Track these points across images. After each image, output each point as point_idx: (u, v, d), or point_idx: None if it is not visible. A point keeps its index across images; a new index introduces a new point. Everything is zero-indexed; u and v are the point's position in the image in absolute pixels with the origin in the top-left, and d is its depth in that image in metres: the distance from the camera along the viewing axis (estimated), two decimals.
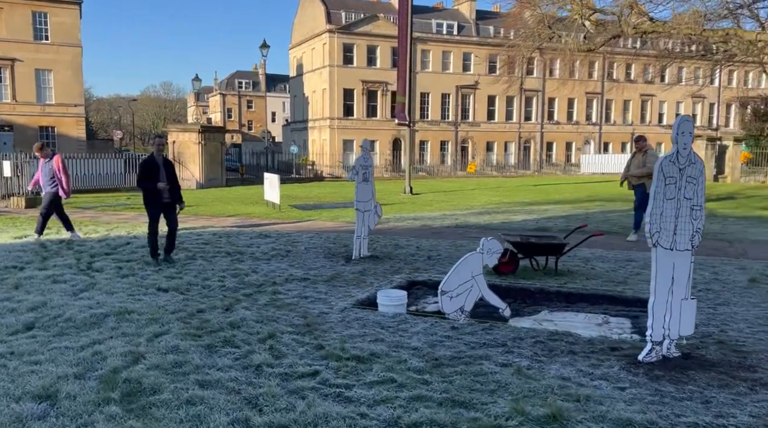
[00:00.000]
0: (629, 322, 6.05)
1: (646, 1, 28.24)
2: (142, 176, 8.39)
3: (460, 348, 4.80)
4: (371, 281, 7.57)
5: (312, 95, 56.11)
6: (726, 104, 67.39)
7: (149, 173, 8.35)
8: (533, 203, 18.57)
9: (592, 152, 58.58)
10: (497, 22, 58.52)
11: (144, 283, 7.27)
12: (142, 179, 8.39)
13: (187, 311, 5.91)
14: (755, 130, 36.83)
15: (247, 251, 9.72)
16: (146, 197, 8.52)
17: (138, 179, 8.52)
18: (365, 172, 9.24)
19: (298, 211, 16.55)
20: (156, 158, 8.40)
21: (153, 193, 8.42)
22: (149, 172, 8.34)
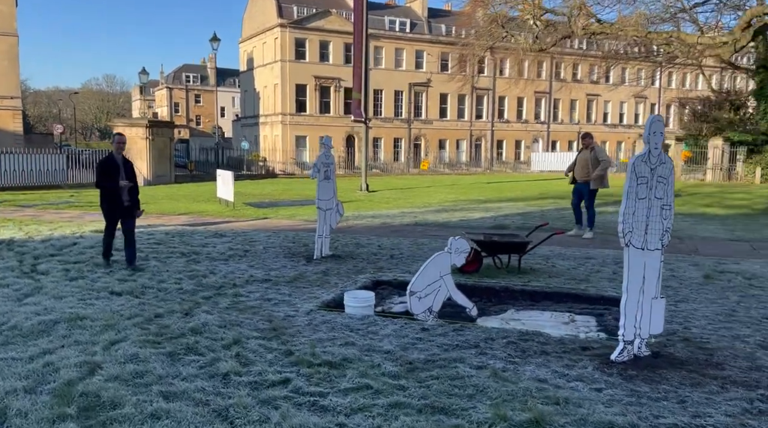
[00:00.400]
0: (594, 320, 6.09)
1: (594, 3, 29.00)
2: (102, 176, 7.87)
3: (433, 351, 4.71)
4: (335, 281, 7.41)
5: (263, 90, 55.26)
6: (666, 105, 69.74)
7: (109, 173, 7.88)
8: (488, 201, 18.74)
9: (541, 150, 59.80)
10: (449, 20, 58.98)
11: (95, 286, 6.90)
12: (102, 180, 7.87)
13: (144, 317, 5.62)
14: (694, 130, 38.11)
15: (202, 252, 9.40)
16: (105, 200, 7.98)
17: (97, 179, 7.96)
18: (327, 170, 9.07)
19: (252, 209, 16.19)
20: (115, 157, 7.97)
21: (113, 195, 7.96)
22: (109, 172, 7.89)
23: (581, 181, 11.31)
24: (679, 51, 27.98)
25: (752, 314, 5.95)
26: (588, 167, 11.13)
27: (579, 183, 11.35)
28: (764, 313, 5.97)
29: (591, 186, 11.21)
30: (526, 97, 59.84)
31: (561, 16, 26.54)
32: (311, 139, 52.13)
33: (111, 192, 7.92)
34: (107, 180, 7.87)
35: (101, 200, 8.03)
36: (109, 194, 7.94)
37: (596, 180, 11.14)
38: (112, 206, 7.97)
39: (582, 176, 11.23)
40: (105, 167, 7.87)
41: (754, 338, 5.12)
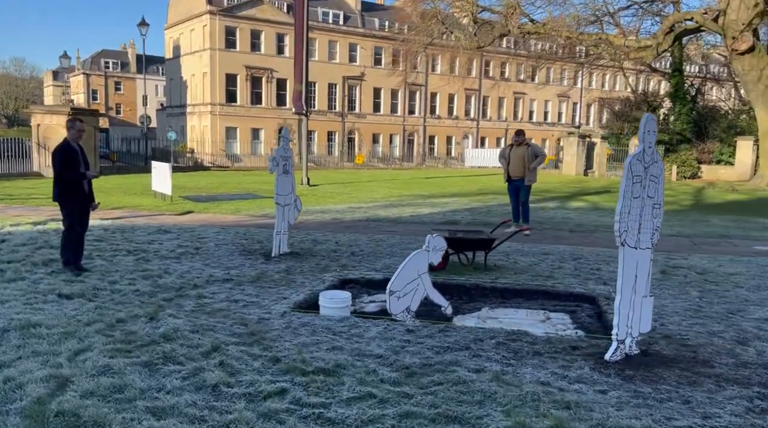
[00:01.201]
0: (569, 317, 6.14)
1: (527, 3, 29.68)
2: (65, 166, 7.06)
3: (426, 354, 4.57)
4: (301, 280, 7.14)
5: (191, 79, 53.33)
6: (587, 104, 72.66)
7: (72, 162, 7.16)
8: (432, 196, 18.81)
9: (470, 146, 60.93)
10: (382, 14, 58.99)
11: (39, 288, 6.33)
12: (66, 169, 7.06)
13: (104, 322, 5.18)
14: (616, 129, 39.86)
15: (150, 249, 8.86)
16: (68, 193, 7.16)
17: (59, 169, 7.08)
18: (285, 163, 8.75)
19: (191, 203, 15.51)
20: (72, 144, 7.29)
21: (77, 186, 7.27)
22: (71, 160, 7.17)
23: (517, 177, 11.33)
24: (606, 53, 29.06)
25: (716, 309, 6.15)
26: (524, 163, 11.18)
27: (515, 180, 11.37)
28: (727, 308, 6.19)
29: (526, 181, 11.27)
30: (457, 94, 60.71)
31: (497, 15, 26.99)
32: (242, 130, 50.87)
33: (75, 184, 7.20)
34: (71, 169, 7.13)
35: (62, 193, 7.16)
36: (73, 186, 7.18)
37: (532, 174, 11.24)
38: (77, 200, 7.25)
39: (519, 172, 11.26)
40: (66, 155, 7.12)
41: (728, 333, 5.28)
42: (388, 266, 8.02)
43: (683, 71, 39.23)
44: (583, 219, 13.46)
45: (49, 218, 12.05)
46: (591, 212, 15.19)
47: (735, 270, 8.15)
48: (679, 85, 37.00)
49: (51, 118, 25.83)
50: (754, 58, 23.88)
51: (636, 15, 38.31)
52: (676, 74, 37.33)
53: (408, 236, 10.61)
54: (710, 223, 13.18)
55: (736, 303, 6.39)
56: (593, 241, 10.51)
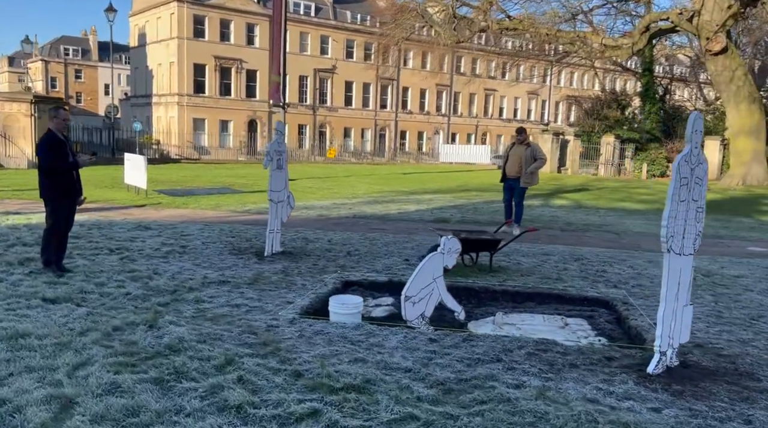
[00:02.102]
0: (587, 323, 5.91)
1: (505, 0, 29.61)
2: (55, 156, 6.47)
3: (456, 367, 4.26)
4: (301, 282, 6.76)
5: (157, 68, 51.91)
6: (555, 102, 73.40)
7: (60, 152, 6.58)
8: (414, 193, 18.53)
9: (441, 141, 60.94)
10: (354, 7, 58.40)
11: (20, 291, 5.81)
12: (55, 159, 6.46)
13: (100, 330, 4.73)
14: (587, 126, 40.24)
15: (132, 247, 8.35)
16: (56, 186, 6.57)
17: (48, 160, 6.46)
18: (279, 158, 8.34)
19: (167, 197, 14.90)
20: (57, 134, 6.71)
21: (67, 178, 6.70)
22: (59, 151, 6.59)
23: (513, 177, 11.07)
24: (582, 50, 29.20)
25: (736, 314, 6.01)
26: (522, 164, 10.91)
27: (511, 179, 11.11)
28: (747, 313, 6.06)
29: (521, 183, 11.01)
30: (428, 89, 60.63)
31: (476, 10, 26.83)
32: (210, 122, 49.78)
33: (65, 175, 6.63)
34: (60, 160, 6.55)
35: (49, 186, 6.56)
36: (62, 178, 6.60)
37: (528, 177, 10.97)
38: (65, 191, 6.67)
39: (515, 172, 11.00)
40: (54, 145, 6.52)
41: (759, 341, 5.13)
42: (389, 267, 7.71)
43: (653, 71, 39.90)
44: (571, 218, 13.35)
45: (15, 212, 11.37)
46: (576, 210, 15.13)
47: (738, 272, 8.07)
48: (649, 84, 37.55)
49: (11, 106, 24.69)
50: (727, 59, 24.25)
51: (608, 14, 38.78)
52: (646, 74, 37.86)
53: (400, 235, 10.30)
54: None
55: (753, 308, 6.27)
56: (587, 241, 10.37)
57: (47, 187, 6.56)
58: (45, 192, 6.60)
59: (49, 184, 6.54)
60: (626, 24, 38.27)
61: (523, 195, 10.99)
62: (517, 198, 10.93)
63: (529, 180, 10.85)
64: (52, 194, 6.59)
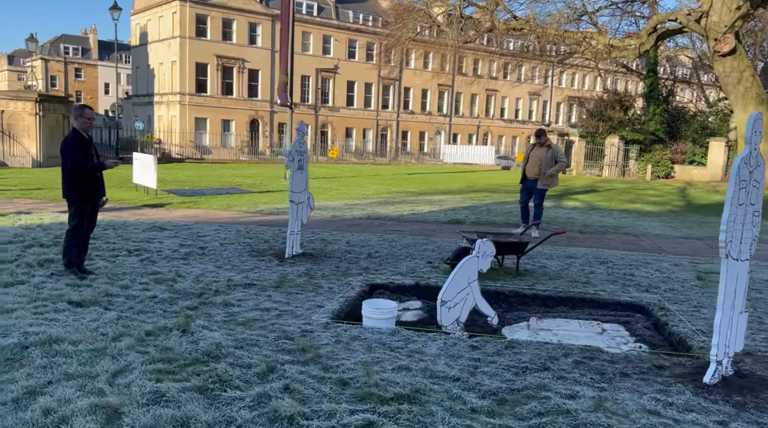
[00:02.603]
0: (623, 329, 5.78)
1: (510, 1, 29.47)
2: (81, 156, 6.33)
3: (505, 376, 4.13)
4: (327, 285, 6.63)
5: (159, 67, 51.71)
6: (557, 103, 73.34)
7: (86, 151, 6.42)
8: (423, 193, 18.39)
9: (443, 142, 60.81)
10: (356, 6, 58.25)
11: (45, 295, 5.67)
12: (81, 160, 6.33)
13: (133, 336, 4.59)
14: (591, 127, 40.13)
15: (150, 248, 8.21)
16: (81, 186, 6.41)
17: (74, 160, 6.29)
18: (300, 159, 8.20)
19: (177, 197, 14.75)
20: (83, 133, 6.55)
21: (92, 179, 6.56)
22: (86, 151, 6.43)
23: (532, 178, 10.92)
24: (588, 51, 29.06)
25: None
26: (541, 166, 10.77)
27: (530, 181, 10.96)
28: None
29: (539, 185, 10.86)
30: (430, 89, 60.48)
31: (482, 10, 26.68)
32: (212, 121, 49.59)
33: (90, 176, 6.49)
34: (87, 160, 6.40)
35: (74, 186, 6.41)
36: (87, 178, 6.46)
37: (548, 179, 10.83)
38: (89, 192, 6.52)
39: (535, 173, 10.85)
40: (79, 145, 6.36)
41: None
42: (413, 270, 7.58)
43: (657, 72, 39.82)
44: (587, 220, 13.22)
45: (26, 211, 11.22)
46: (590, 211, 15.00)
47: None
48: (654, 85, 37.46)
49: (16, 104, 24.51)
50: (735, 60, 24.10)
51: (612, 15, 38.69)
52: (651, 75, 37.80)
53: (418, 236, 10.17)
54: (714, 225, 13.08)
55: None
56: (608, 243, 10.24)
57: (71, 187, 6.42)
58: (69, 193, 6.45)
59: (74, 184, 6.40)
60: (630, 25, 38.25)
61: (542, 197, 10.85)
62: (537, 200, 10.79)
63: (548, 182, 10.71)
64: (77, 195, 6.44)
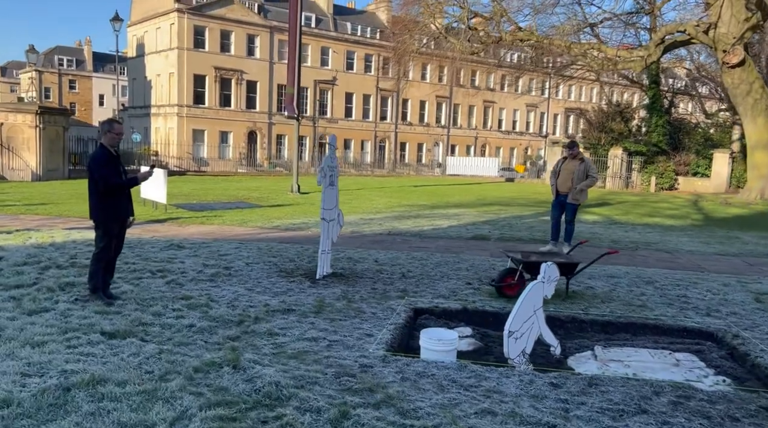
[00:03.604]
0: (697, 359, 5.39)
1: (515, 12, 29.35)
2: (110, 173, 5.89)
3: (604, 422, 3.71)
4: (370, 310, 6.21)
5: (156, 79, 51.36)
6: (554, 114, 73.39)
7: (115, 168, 6.01)
8: (436, 207, 18.02)
9: (441, 153, 60.65)
10: (354, 18, 58.24)
11: (73, 324, 5.22)
12: (112, 176, 5.90)
13: (181, 373, 4.16)
14: (593, 139, 39.97)
15: (173, 269, 7.78)
16: (109, 204, 5.97)
17: (106, 178, 5.84)
18: (332, 174, 7.80)
19: (187, 212, 14.31)
20: (110, 149, 6.14)
21: (122, 197, 6.13)
22: (114, 167, 6.03)
23: (565, 193, 10.57)
24: (594, 63, 28.91)
25: None
26: (574, 179, 10.42)
27: (563, 196, 10.60)
28: None
29: (569, 199, 10.51)
30: (428, 100, 60.39)
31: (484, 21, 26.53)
32: (210, 133, 49.21)
33: (119, 193, 6.05)
34: (116, 176, 5.99)
35: (102, 207, 5.96)
36: (118, 197, 6.04)
37: (578, 194, 10.48)
38: (118, 211, 6.09)
39: (567, 188, 10.50)
40: (108, 161, 5.95)
41: None
42: (454, 292, 7.18)
43: (660, 83, 39.77)
44: (612, 235, 12.87)
45: (35, 229, 10.76)
46: (611, 225, 14.65)
47: None
48: (656, 97, 37.38)
49: (15, 116, 24.03)
50: (744, 71, 24.00)
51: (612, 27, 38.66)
52: (653, 86, 37.72)
53: (447, 254, 9.77)
54: (743, 240, 12.76)
55: None
56: (643, 261, 9.87)
57: (99, 208, 5.97)
58: (97, 213, 6.00)
59: (102, 203, 5.95)
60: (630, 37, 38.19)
61: (575, 213, 10.50)
62: (569, 216, 10.43)
63: (578, 197, 10.36)
64: (105, 216, 6.00)
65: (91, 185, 5.99)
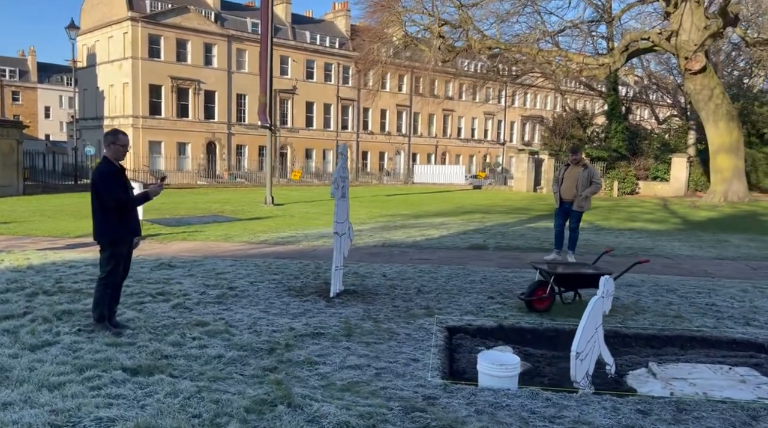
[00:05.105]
0: (759, 373, 5.15)
1: (480, 20, 29.49)
2: (117, 188, 5.31)
3: None
4: (403, 332, 5.78)
5: (109, 89, 49.64)
6: (511, 122, 74.39)
7: (122, 184, 5.44)
8: (419, 216, 17.68)
9: (402, 162, 60.59)
10: (313, 27, 57.71)
11: (89, 360, 4.62)
12: (119, 192, 5.31)
13: (234, 416, 3.64)
14: (555, 145, 40.55)
15: (174, 291, 7.17)
16: (119, 223, 5.38)
17: (115, 194, 5.27)
18: (343, 186, 7.36)
19: (165, 228, 13.54)
20: (115, 163, 5.53)
21: (131, 215, 5.53)
22: (120, 184, 5.44)
23: (569, 200, 10.41)
24: (559, 70, 29.24)
25: None
26: (578, 186, 10.24)
27: (567, 203, 10.42)
28: None
29: (574, 207, 10.35)
30: (388, 109, 60.28)
31: (459, 29, 26.52)
32: (167, 144, 47.76)
33: (127, 210, 5.46)
34: (124, 191, 5.41)
35: (110, 226, 5.37)
36: (127, 215, 5.45)
37: (583, 201, 10.31)
38: (127, 229, 5.49)
39: (572, 195, 10.32)
40: (115, 176, 5.37)
41: None
42: (480, 307, 6.82)
43: (618, 91, 40.67)
44: (605, 241, 12.77)
45: (5, 251, 9.92)
46: (600, 232, 14.59)
47: None
48: (615, 104, 38.20)
49: None
50: (705, 77, 24.62)
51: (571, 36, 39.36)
52: (612, 93, 38.57)
53: (453, 266, 9.41)
54: (733, 243, 12.85)
55: None
56: (651, 267, 9.59)
57: (106, 227, 5.37)
58: (103, 234, 5.39)
59: (110, 223, 5.35)
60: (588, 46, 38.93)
61: (579, 220, 10.31)
62: (573, 224, 10.22)
63: (582, 204, 10.17)
64: (113, 236, 5.39)
65: (96, 203, 5.39)
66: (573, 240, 10.19)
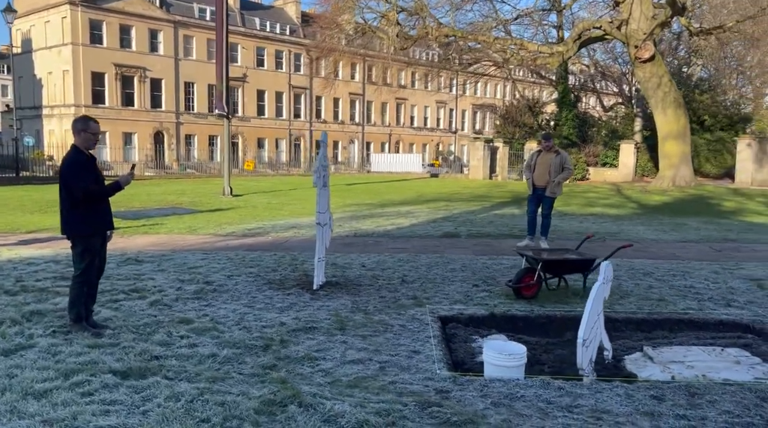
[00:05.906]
0: (749, 353, 5.25)
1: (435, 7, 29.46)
2: (88, 180, 4.93)
3: None
4: (396, 323, 5.65)
5: (48, 77, 47.40)
6: (462, 110, 75.01)
7: (93, 174, 5.06)
8: (384, 205, 17.53)
9: (356, 151, 60.32)
10: (262, 13, 56.57)
11: (72, 364, 4.29)
12: (92, 183, 4.94)
13: (245, 419, 3.44)
14: (508, 133, 41.06)
15: (148, 287, 6.83)
16: (91, 216, 5.00)
17: (85, 185, 4.88)
18: (324, 175, 7.14)
19: (123, 221, 12.91)
20: (85, 152, 5.13)
21: (104, 206, 5.13)
22: (91, 174, 5.06)
23: (542, 186, 10.43)
24: (514, 58, 29.53)
25: None
26: (550, 172, 10.29)
27: (540, 190, 10.45)
28: None
29: (547, 193, 10.39)
30: (341, 98, 59.79)
31: (415, 16, 26.39)
32: (112, 134, 46.01)
33: (99, 202, 5.08)
34: (94, 182, 5.03)
35: (82, 219, 4.98)
36: (99, 206, 5.07)
37: (556, 187, 10.37)
38: (100, 222, 5.11)
39: (545, 181, 10.35)
40: (84, 165, 4.99)
41: None
42: (468, 295, 6.75)
43: (568, 79, 41.45)
44: (570, 226, 12.94)
45: None
46: (563, 217, 14.76)
47: None
48: (566, 91, 38.92)
49: None
50: (654, 66, 25.29)
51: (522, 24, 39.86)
52: (562, 82, 39.27)
53: (430, 255, 9.32)
54: (692, 226, 13.24)
55: None
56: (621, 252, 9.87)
57: (78, 220, 5.00)
58: (74, 228, 5.02)
59: (80, 216, 4.98)
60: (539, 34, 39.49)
61: (551, 207, 10.35)
62: (546, 210, 10.26)
63: (555, 190, 10.23)
64: (86, 229, 5.03)
65: (64, 194, 5.02)
66: (545, 226, 10.24)
